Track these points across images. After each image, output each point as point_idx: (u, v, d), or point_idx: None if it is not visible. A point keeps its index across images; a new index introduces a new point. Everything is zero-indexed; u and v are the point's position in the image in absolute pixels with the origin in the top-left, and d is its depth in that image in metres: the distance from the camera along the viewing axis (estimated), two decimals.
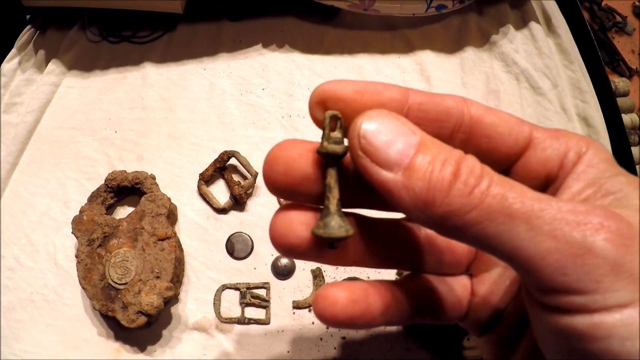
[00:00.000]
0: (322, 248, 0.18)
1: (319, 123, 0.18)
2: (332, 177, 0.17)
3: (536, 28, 0.59)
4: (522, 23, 0.60)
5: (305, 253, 0.18)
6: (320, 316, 0.18)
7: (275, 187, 0.18)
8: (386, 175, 0.15)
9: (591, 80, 0.57)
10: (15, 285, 0.48)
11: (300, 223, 0.18)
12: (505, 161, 0.18)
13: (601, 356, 0.14)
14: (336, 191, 0.17)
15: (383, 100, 0.17)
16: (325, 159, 0.17)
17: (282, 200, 0.49)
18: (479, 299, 0.20)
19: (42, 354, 0.45)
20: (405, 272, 0.40)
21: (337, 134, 0.17)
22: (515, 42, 0.58)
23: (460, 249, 0.21)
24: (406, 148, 0.15)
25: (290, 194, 0.18)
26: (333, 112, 0.17)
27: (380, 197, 0.16)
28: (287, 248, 0.18)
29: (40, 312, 0.47)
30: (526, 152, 0.17)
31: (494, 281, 0.20)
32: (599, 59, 0.59)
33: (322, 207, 0.18)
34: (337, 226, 0.17)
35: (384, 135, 0.15)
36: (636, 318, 0.13)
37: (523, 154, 0.17)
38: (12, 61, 0.59)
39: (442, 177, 0.15)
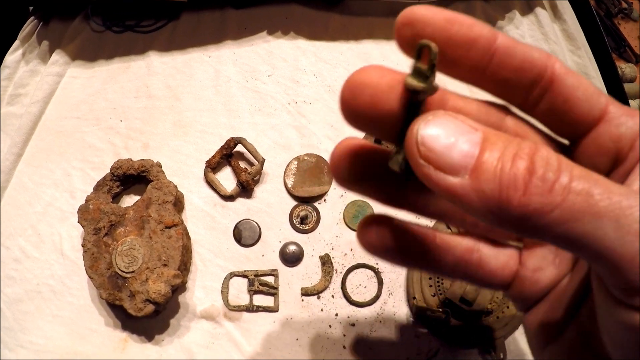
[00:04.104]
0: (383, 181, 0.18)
1: (403, 44, 0.16)
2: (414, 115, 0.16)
3: (542, 14, 0.58)
4: (527, 9, 0.59)
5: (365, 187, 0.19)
6: (360, 242, 0.19)
7: (356, 119, 0.17)
8: (452, 180, 0.14)
9: (598, 66, 0.57)
10: (21, 277, 0.47)
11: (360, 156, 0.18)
12: (577, 128, 0.17)
13: None
14: None
15: (472, 35, 0.16)
16: (412, 94, 0.16)
17: (290, 187, 0.49)
18: (526, 271, 0.20)
19: (49, 345, 0.45)
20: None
21: (425, 66, 0.15)
22: (521, 27, 0.58)
23: None
24: (470, 148, 0.14)
25: (370, 128, 0.17)
26: (426, 42, 0.15)
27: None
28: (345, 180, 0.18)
29: (47, 303, 0.46)
30: (599, 124, 0.17)
31: (544, 257, 0.20)
32: (606, 44, 0.59)
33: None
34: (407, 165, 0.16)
35: (444, 138, 0.14)
36: None
37: (595, 126, 0.17)
38: (15, 53, 0.58)
39: (515, 174, 0.14)
